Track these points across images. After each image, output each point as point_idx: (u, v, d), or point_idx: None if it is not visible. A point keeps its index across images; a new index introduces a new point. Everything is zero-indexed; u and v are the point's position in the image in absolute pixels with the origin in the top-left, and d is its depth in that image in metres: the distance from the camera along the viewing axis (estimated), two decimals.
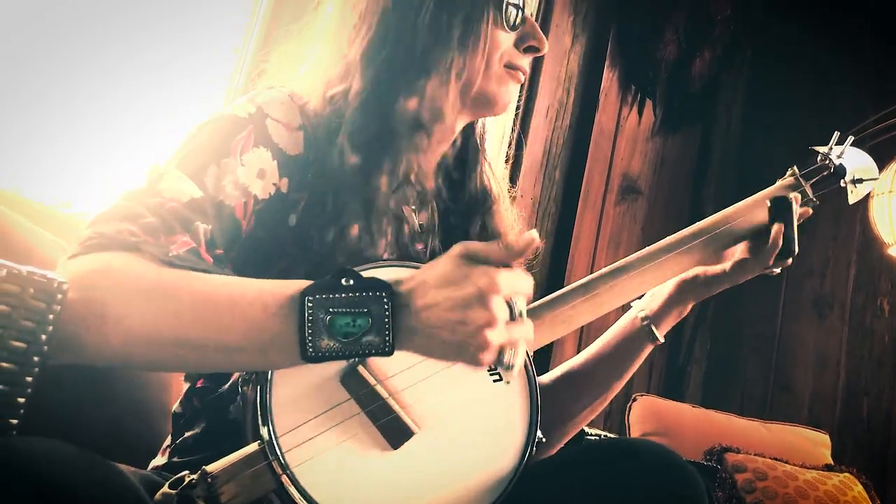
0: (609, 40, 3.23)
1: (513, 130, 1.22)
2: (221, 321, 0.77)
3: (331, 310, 0.76)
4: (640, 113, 3.40)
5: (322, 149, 1.00)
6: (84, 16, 1.74)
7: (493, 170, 1.21)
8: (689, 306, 1.20)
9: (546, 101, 2.98)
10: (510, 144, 1.25)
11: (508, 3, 1.04)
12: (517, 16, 1.06)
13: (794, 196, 1.16)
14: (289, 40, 1.14)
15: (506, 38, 1.06)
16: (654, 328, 1.17)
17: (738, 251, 1.17)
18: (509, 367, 0.80)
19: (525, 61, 1.09)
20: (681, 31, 3.48)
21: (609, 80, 3.24)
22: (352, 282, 0.78)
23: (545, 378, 1.20)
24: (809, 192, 1.21)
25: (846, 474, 2.43)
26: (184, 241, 0.85)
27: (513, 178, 1.23)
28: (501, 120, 1.19)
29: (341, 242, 0.97)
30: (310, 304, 0.76)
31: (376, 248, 1.00)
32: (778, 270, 1.18)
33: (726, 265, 1.16)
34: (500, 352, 0.78)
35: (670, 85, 3.48)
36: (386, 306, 0.77)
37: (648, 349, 1.19)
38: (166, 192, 0.88)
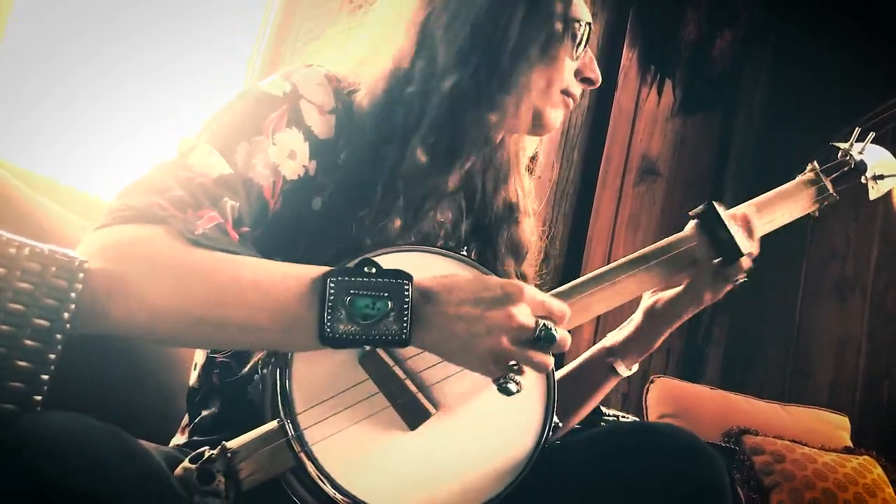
0: (629, 19, 3.19)
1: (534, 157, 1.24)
2: (245, 301, 0.78)
3: (352, 291, 0.78)
4: (660, 93, 3.37)
5: (366, 137, 0.99)
6: (84, 16, 1.75)
7: (523, 185, 1.20)
8: (659, 339, 1.17)
9: None
10: (534, 158, 1.25)
11: (579, 32, 1.06)
12: (583, 45, 1.07)
13: (719, 206, 1.11)
14: (338, 22, 1.13)
15: (569, 66, 1.07)
16: (614, 362, 1.16)
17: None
18: (505, 387, 0.82)
19: (578, 90, 1.10)
20: (702, 11, 3.43)
21: (628, 59, 3.21)
22: (374, 269, 0.79)
23: None
24: (830, 187, 1.21)
25: (865, 457, 2.42)
26: (211, 217, 0.85)
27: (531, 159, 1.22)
28: None
29: (379, 235, 0.97)
30: (332, 286, 0.77)
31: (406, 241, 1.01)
32: (742, 277, 1.13)
33: (680, 287, 1.14)
34: (510, 368, 0.81)
35: (690, 65, 3.44)
36: (406, 294, 0.78)
37: (612, 382, 1.18)
38: (196, 166, 0.88)
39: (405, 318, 0.78)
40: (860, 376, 3.20)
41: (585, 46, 1.08)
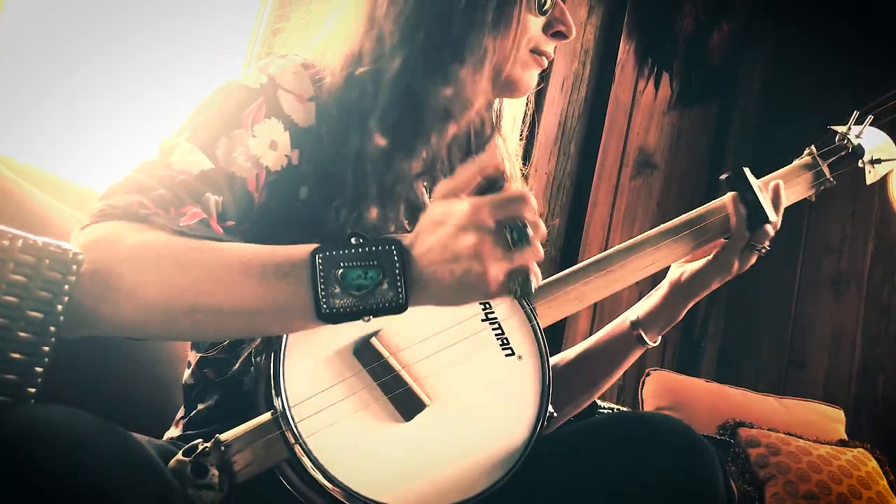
0: (626, 12, 3.19)
1: (527, 105, 1.19)
2: (235, 285, 0.77)
3: (342, 264, 0.76)
4: (657, 86, 3.36)
5: (336, 124, 0.99)
6: (85, 15, 1.75)
7: (508, 148, 1.19)
8: (684, 310, 1.17)
9: (562, 74, 2.95)
10: (524, 121, 1.22)
11: None
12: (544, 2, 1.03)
13: (748, 172, 1.14)
14: (309, 3, 1.11)
15: (535, 23, 1.04)
16: (642, 332, 1.16)
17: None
18: (517, 294, 0.76)
19: (551, 47, 1.07)
20: (699, 4, 3.43)
21: (625, 52, 3.21)
22: (361, 240, 0.77)
23: None
24: (827, 171, 1.21)
25: (860, 450, 2.43)
26: (194, 213, 0.85)
27: (527, 153, 1.21)
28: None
29: (356, 224, 0.96)
30: (320, 261, 0.76)
31: (387, 232, 1.00)
32: (766, 245, 1.14)
33: (709, 257, 1.14)
34: (508, 280, 0.75)
35: (687, 58, 3.44)
36: (395, 258, 0.76)
37: (639, 352, 1.18)
38: (177, 164, 0.88)
39: (399, 283, 0.76)
40: (855, 370, 3.21)
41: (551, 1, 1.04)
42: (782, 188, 1.15)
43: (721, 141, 3.61)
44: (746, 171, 1.13)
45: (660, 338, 1.19)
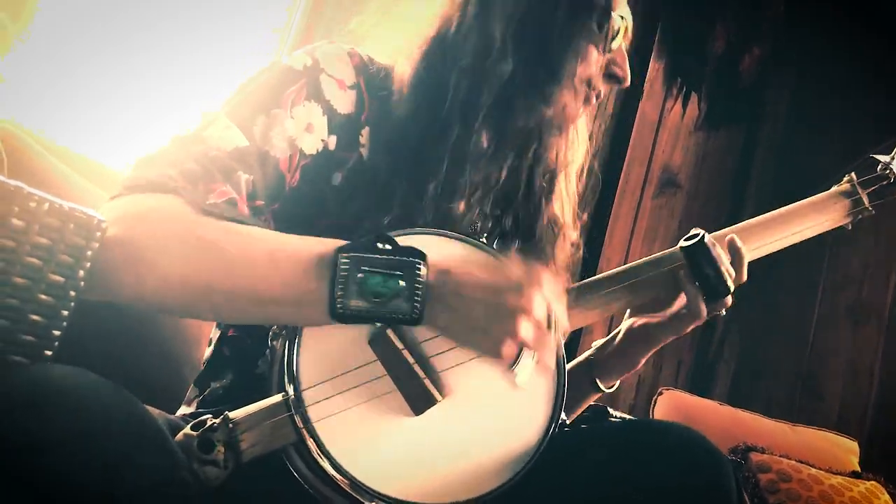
0: (657, 30, 3.18)
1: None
2: (256, 272, 0.78)
3: (364, 268, 0.77)
4: (685, 106, 3.35)
5: (388, 112, 0.98)
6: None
7: (568, 188, 1.15)
8: (640, 360, 1.15)
9: None
10: (582, 168, 1.19)
11: (616, 25, 1.01)
12: (617, 40, 1.03)
13: (708, 238, 1.06)
14: None
15: (597, 60, 1.02)
16: (596, 376, 1.15)
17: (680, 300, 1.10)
18: (518, 371, 0.81)
19: (604, 87, 1.05)
20: (731, 26, 3.42)
21: (655, 70, 3.20)
22: (388, 247, 0.78)
23: None
24: (865, 200, 1.17)
25: (873, 482, 2.39)
26: (223, 191, 0.86)
27: None
28: None
29: (443, 209, 0.96)
30: (344, 261, 0.77)
31: (470, 228, 1.01)
32: (723, 312, 1.10)
33: (665, 314, 1.12)
34: (521, 352, 0.79)
35: (717, 80, 3.42)
36: (419, 274, 0.77)
37: (593, 396, 1.17)
38: (212, 139, 0.89)
39: (417, 298, 0.77)
40: (872, 402, 3.17)
41: (619, 41, 1.03)
42: (739, 242, 1.09)
43: (746, 164, 3.58)
44: (707, 239, 1.06)
45: (617, 383, 1.17)
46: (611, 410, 1.17)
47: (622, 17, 1.03)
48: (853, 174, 1.20)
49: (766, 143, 3.65)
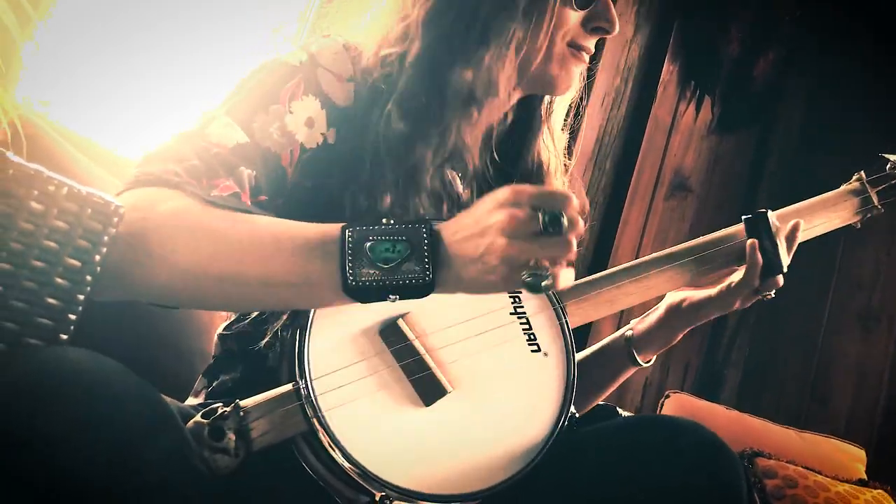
0: (672, 33, 3.17)
1: (568, 116, 1.17)
2: (264, 256, 0.78)
3: (371, 238, 0.76)
4: (698, 109, 3.34)
5: (366, 108, 0.99)
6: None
7: (555, 143, 1.17)
8: (679, 335, 1.17)
9: (603, 90, 2.95)
10: (568, 113, 1.19)
11: None
12: None
13: (772, 214, 1.11)
14: None
15: (573, 16, 1.01)
16: (634, 350, 1.16)
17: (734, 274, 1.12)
18: (537, 287, 0.73)
19: (590, 42, 1.04)
20: (746, 30, 3.41)
21: (669, 73, 3.19)
22: (391, 221, 0.78)
23: None
24: (875, 198, 1.18)
25: (880, 491, 2.37)
26: (226, 186, 0.87)
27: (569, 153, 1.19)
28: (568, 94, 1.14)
29: (372, 212, 0.95)
30: (350, 235, 0.76)
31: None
32: (772, 294, 1.12)
33: (713, 290, 1.13)
34: (523, 268, 0.73)
35: (731, 83, 3.41)
36: (425, 236, 0.76)
37: (631, 370, 1.18)
38: (213, 136, 0.90)
39: (426, 259, 0.75)
40: (880, 409, 3.15)
41: None
42: (801, 228, 1.13)
43: (758, 169, 3.57)
44: (770, 215, 1.11)
45: (653, 359, 1.18)
46: (619, 410, 1.17)
47: None
48: (862, 172, 1.20)
49: (779, 148, 3.63)
